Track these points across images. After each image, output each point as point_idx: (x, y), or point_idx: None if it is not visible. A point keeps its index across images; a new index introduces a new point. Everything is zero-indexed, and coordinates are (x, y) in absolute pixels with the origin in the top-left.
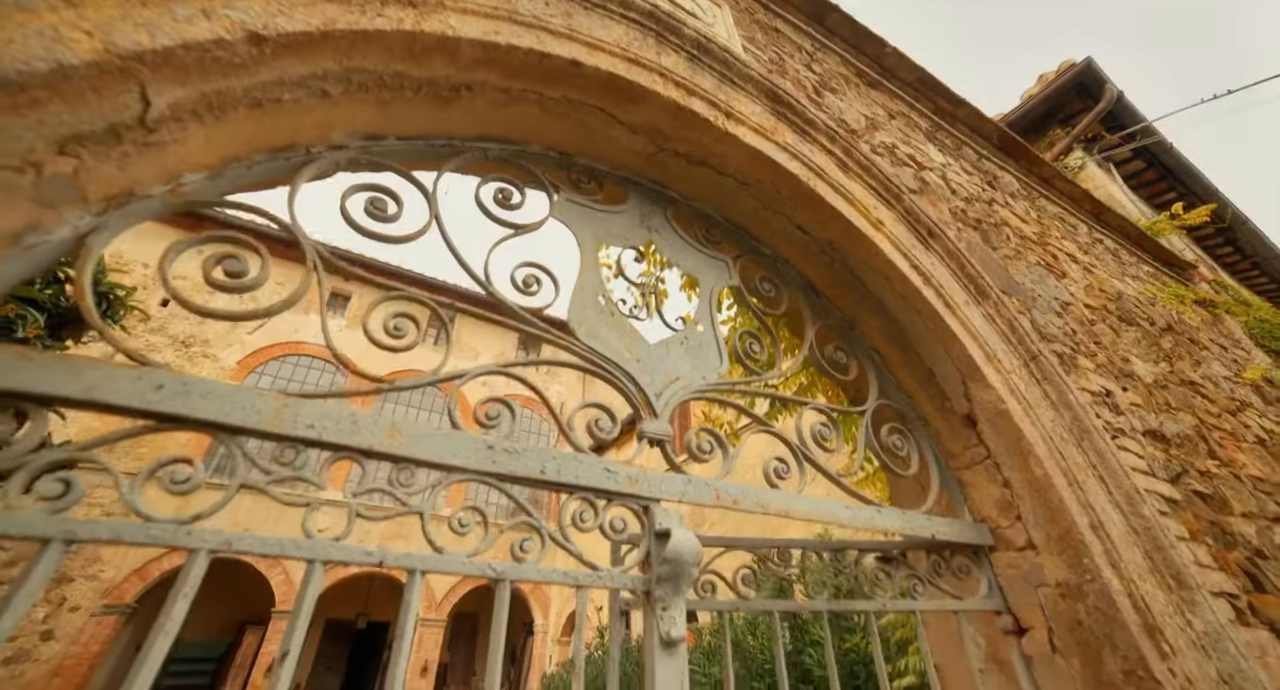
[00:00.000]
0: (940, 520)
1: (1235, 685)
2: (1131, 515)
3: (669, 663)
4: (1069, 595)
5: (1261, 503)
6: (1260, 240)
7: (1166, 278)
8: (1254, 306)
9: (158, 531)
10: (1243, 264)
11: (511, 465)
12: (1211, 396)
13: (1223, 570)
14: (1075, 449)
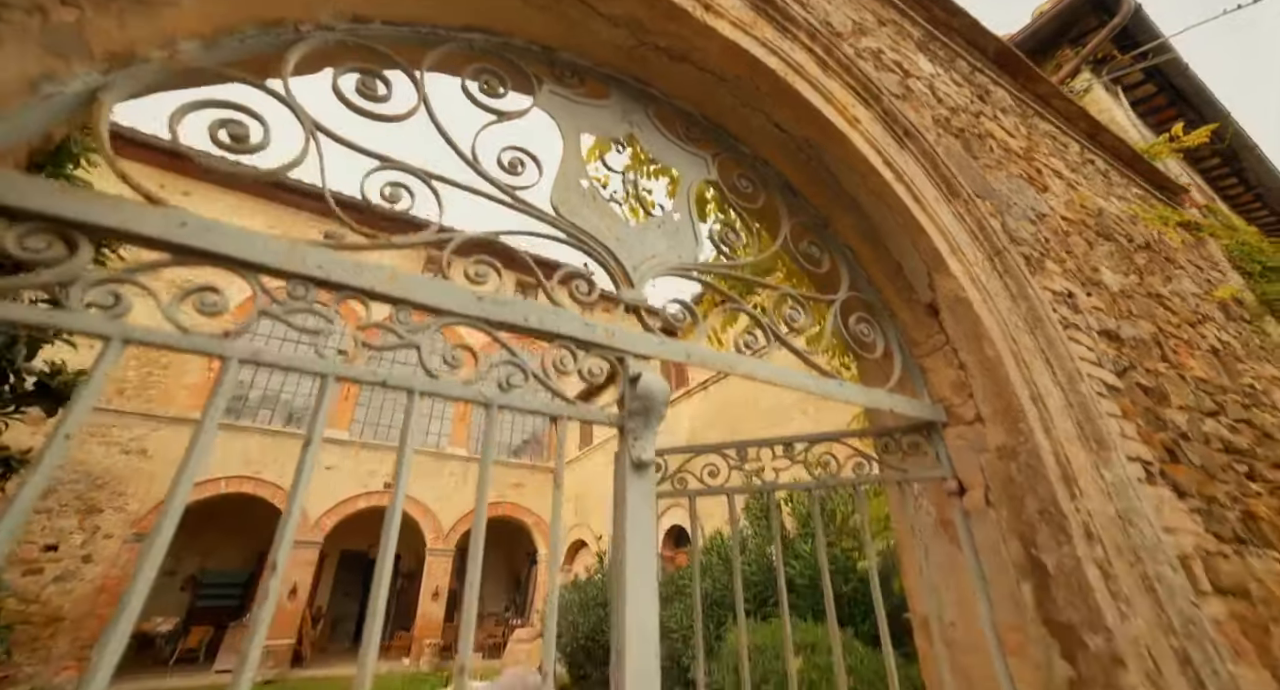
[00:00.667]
0: (900, 397)
1: (1128, 520)
2: (1070, 392)
3: (639, 482)
4: (1005, 456)
5: (1199, 399)
6: (1267, 170)
7: (1156, 200)
8: (1239, 231)
9: (198, 341)
10: (1245, 196)
11: (499, 312)
12: (1175, 309)
13: (1145, 444)
14: (1027, 335)
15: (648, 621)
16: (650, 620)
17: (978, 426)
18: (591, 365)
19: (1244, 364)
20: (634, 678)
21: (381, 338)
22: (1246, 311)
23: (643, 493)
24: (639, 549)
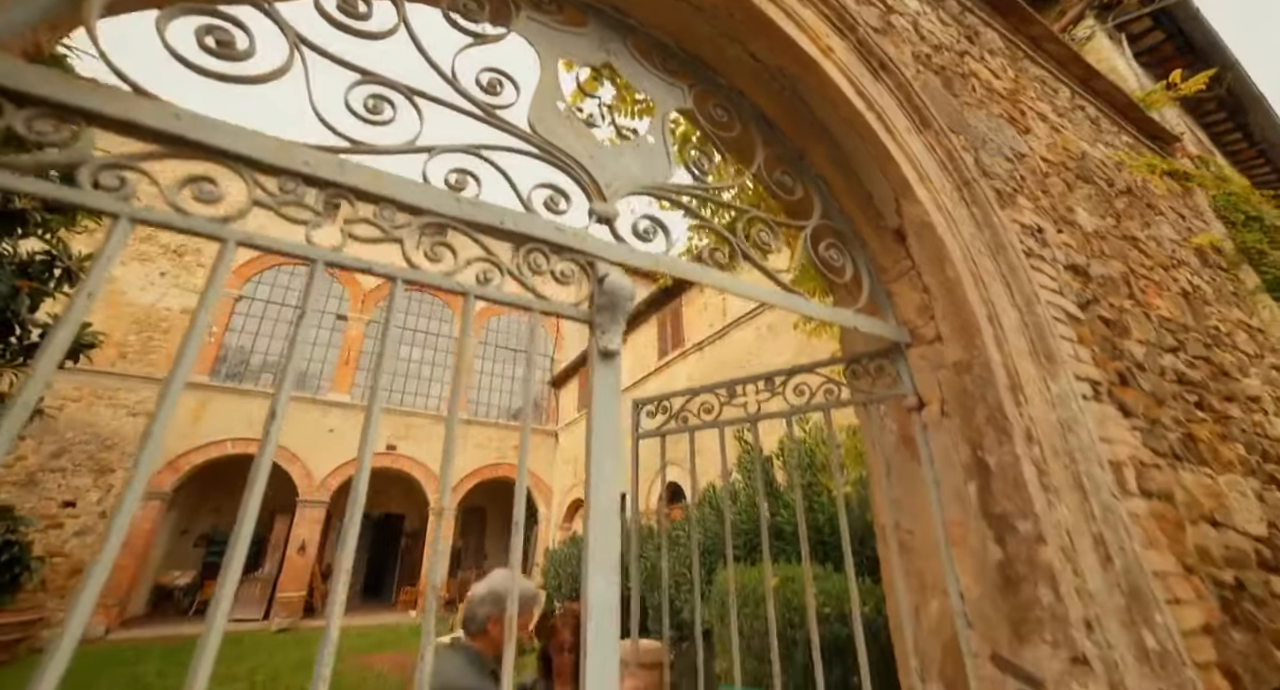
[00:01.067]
0: (866, 318)
1: (1067, 427)
2: (1026, 313)
3: (606, 369)
4: (960, 371)
5: (1161, 336)
6: (1273, 124)
7: (1146, 149)
8: (1228, 182)
9: (196, 222)
10: (1248, 152)
11: (475, 214)
12: (1149, 253)
13: (1098, 367)
14: (989, 260)
15: (610, 495)
16: (613, 490)
17: (937, 345)
18: (563, 268)
19: (1212, 307)
20: (597, 538)
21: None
22: (1224, 260)
23: (608, 379)
24: (603, 424)
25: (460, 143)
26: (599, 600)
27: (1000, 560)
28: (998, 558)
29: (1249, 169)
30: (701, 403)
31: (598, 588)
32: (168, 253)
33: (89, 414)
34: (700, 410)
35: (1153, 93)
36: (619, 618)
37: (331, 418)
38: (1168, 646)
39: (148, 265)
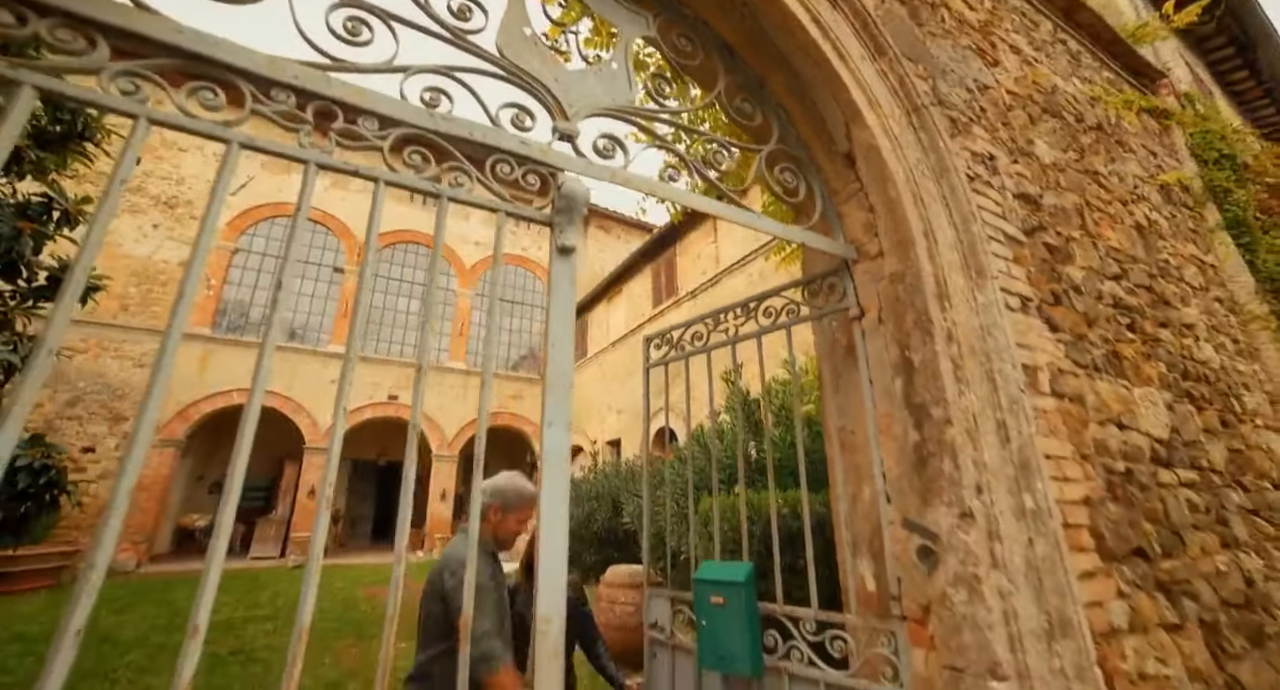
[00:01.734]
0: (815, 235)
1: (988, 331)
2: (962, 231)
3: (563, 263)
4: (895, 281)
5: (1105, 264)
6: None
7: (1128, 85)
8: (1210, 121)
9: (202, 124)
10: (1253, 91)
11: (447, 126)
12: (1110, 187)
13: (1031, 286)
14: (932, 182)
15: (564, 363)
16: (566, 359)
17: (879, 260)
18: (527, 177)
19: (1165, 242)
20: (554, 398)
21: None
22: (1190, 198)
23: (565, 273)
24: (561, 307)
25: (434, 63)
26: (554, 449)
27: (917, 442)
28: (915, 440)
29: (1253, 109)
30: (693, 332)
31: (553, 439)
32: (159, 204)
33: (97, 365)
34: (692, 338)
35: (1144, 26)
36: (569, 465)
37: (333, 369)
38: (1042, 507)
39: (140, 217)
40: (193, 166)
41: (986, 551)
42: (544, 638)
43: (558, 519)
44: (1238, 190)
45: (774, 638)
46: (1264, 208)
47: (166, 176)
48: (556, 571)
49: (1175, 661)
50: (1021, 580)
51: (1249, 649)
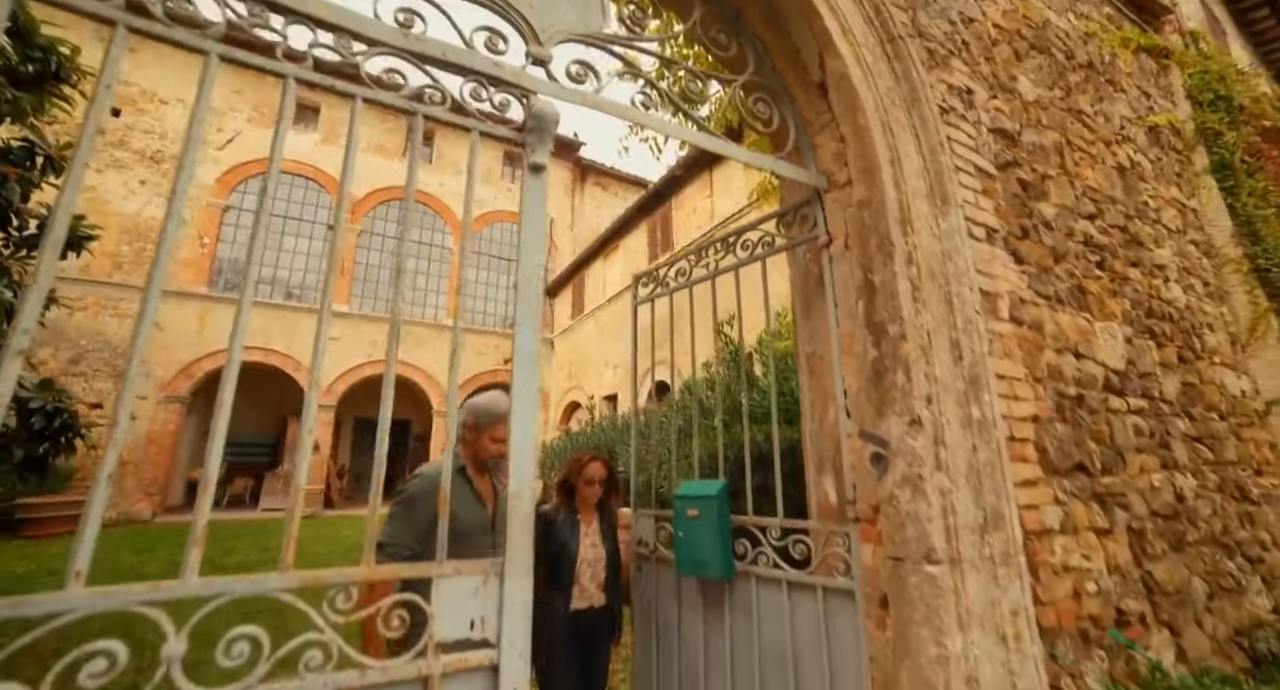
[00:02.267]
0: (786, 164)
1: (948, 256)
2: (930, 160)
3: (534, 182)
4: (862, 207)
5: (1081, 203)
6: None
7: (1129, 21)
8: (1211, 60)
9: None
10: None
11: (422, 47)
12: (1094, 127)
13: (999, 218)
14: (902, 112)
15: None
16: (537, 263)
17: (848, 188)
18: (500, 99)
19: (1147, 184)
20: (525, 301)
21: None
22: (1180, 141)
23: (537, 189)
24: (532, 221)
25: None
26: (523, 349)
27: (875, 359)
28: (873, 357)
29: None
30: (678, 269)
31: (523, 340)
32: (144, 160)
33: (96, 322)
34: (677, 274)
35: None
36: (538, 365)
37: (333, 327)
38: (988, 417)
39: (125, 172)
40: (176, 119)
41: (931, 455)
42: (515, 512)
43: (529, 414)
44: (1229, 133)
45: (744, 546)
46: (1253, 150)
47: (149, 130)
48: (527, 454)
49: (1098, 558)
50: (962, 481)
51: (1168, 552)
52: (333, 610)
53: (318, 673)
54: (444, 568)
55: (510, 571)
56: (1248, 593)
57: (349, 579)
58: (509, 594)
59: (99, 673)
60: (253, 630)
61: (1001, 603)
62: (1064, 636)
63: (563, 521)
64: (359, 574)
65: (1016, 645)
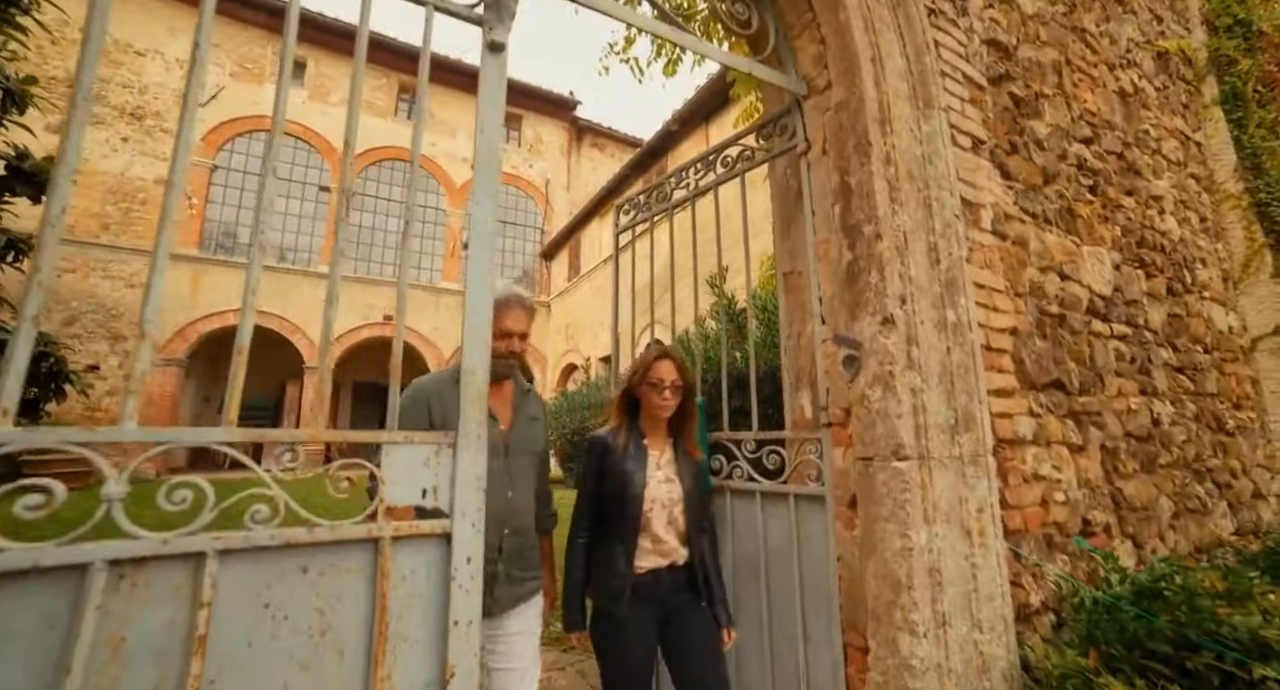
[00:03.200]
0: (765, 67)
1: (928, 159)
2: (914, 61)
3: (494, 61)
4: (840, 109)
5: (1076, 126)
6: None
7: None
8: None
9: None
10: None
11: None
12: (1097, 48)
13: (986, 129)
14: (887, 9)
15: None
16: (494, 147)
17: (827, 92)
18: None
19: (1150, 113)
20: (482, 182)
21: None
22: (1191, 70)
23: (496, 67)
24: (490, 102)
25: None
26: (480, 226)
27: (849, 261)
28: (848, 259)
29: None
30: (657, 194)
31: (479, 215)
32: (124, 115)
33: (86, 284)
34: (658, 198)
35: None
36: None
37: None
38: (964, 321)
39: (106, 129)
40: (154, 73)
41: (904, 353)
42: (468, 387)
43: (483, 291)
44: (1244, 60)
45: (720, 461)
46: (1268, 80)
47: (128, 84)
48: (481, 333)
49: (1069, 471)
50: (935, 381)
51: (1138, 471)
52: (278, 467)
53: (264, 526)
54: (394, 435)
55: (463, 445)
56: (1213, 515)
57: (295, 439)
58: (462, 466)
59: (35, 506)
60: (196, 479)
61: (968, 500)
62: (1029, 539)
63: (623, 447)
64: (305, 435)
65: (980, 540)
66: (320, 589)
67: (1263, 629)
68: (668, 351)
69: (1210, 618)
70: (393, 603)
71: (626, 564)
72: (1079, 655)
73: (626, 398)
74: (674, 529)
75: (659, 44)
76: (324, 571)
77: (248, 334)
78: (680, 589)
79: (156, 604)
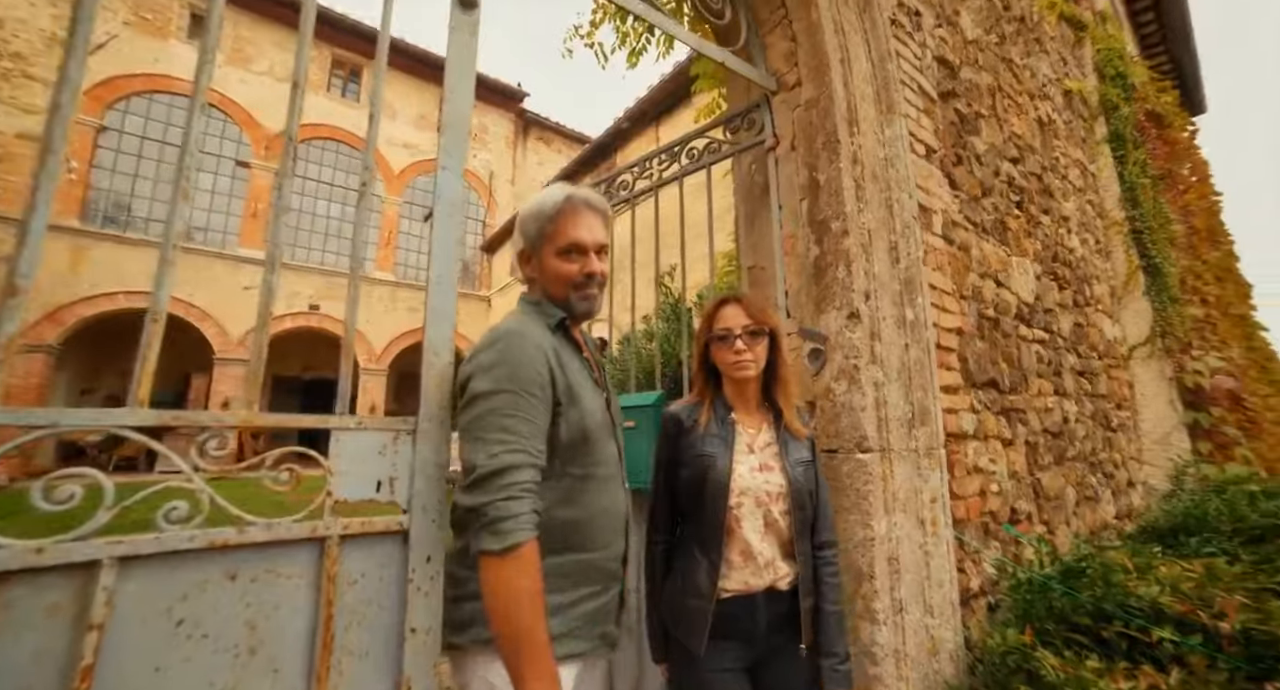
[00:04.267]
0: (736, 58)
1: (890, 162)
2: (878, 67)
3: (464, 20)
4: (810, 107)
5: (1006, 147)
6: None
7: None
8: (1114, 38)
9: None
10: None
11: None
12: (1021, 79)
13: (936, 138)
14: (854, 14)
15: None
16: (463, 109)
17: (797, 90)
18: None
19: (1059, 142)
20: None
21: None
22: (1087, 110)
23: (467, 29)
24: (460, 63)
25: None
26: (447, 194)
27: (817, 256)
28: (815, 254)
29: (1148, 51)
30: (620, 182)
31: (447, 183)
32: None
33: None
34: (619, 187)
35: None
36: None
37: (244, 275)
38: (920, 319)
39: None
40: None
41: (868, 348)
42: (430, 367)
43: (449, 263)
44: (1125, 106)
45: None
46: (1139, 126)
47: None
48: (446, 307)
49: (1001, 463)
50: (895, 376)
51: (1053, 464)
52: (202, 456)
53: (181, 526)
54: (344, 420)
55: (424, 431)
56: (1101, 502)
57: (223, 422)
58: (422, 455)
59: None
60: (88, 471)
61: (923, 491)
62: (970, 526)
63: (704, 425)
64: (236, 418)
65: (933, 529)
66: (252, 598)
67: (1160, 597)
68: (736, 295)
69: (1121, 591)
70: (340, 610)
71: (709, 580)
72: (1017, 632)
73: (705, 361)
74: (773, 535)
75: (623, 33)
76: (257, 578)
77: (164, 301)
78: (781, 625)
79: (19, 630)
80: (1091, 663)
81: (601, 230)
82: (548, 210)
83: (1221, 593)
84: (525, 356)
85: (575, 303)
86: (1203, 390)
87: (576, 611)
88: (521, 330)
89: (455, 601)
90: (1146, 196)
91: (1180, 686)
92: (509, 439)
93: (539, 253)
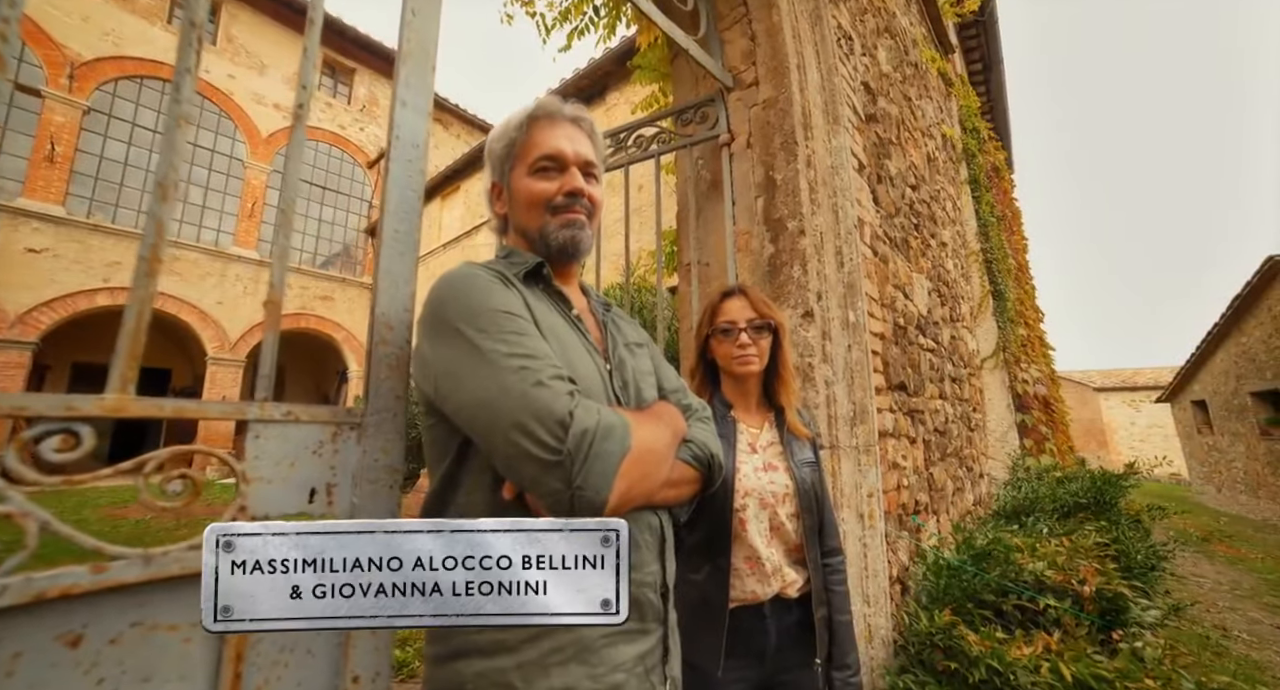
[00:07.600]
0: (700, 49)
1: (836, 170)
2: (826, 78)
3: None
4: (767, 107)
5: (908, 174)
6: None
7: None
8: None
9: None
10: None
11: None
12: (917, 116)
13: (869, 158)
14: (807, 25)
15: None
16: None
17: (753, 88)
18: None
19: (940, 177)
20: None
21: None
22: (955, 154)
23: None
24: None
25: None
26: (407, 134)
27: (772, 254)
28: (770, 252)
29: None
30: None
31: (407, 121)
32: None
33: None
34: None
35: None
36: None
37: (39, 235)
38: (860, 322)
39: None
40: None
41: (820, 347)
42: (381, 344)
43: (406, 213)
44: (980, 156)
45: None
46: (988, 174)
47: None
48: (403, 275)
49: (910, 459)
50: (841, 375)
51: (941, 459)
52: (32, 462)
53: None
54: (266, 409)
55: (372, 424)
56: (966, 491)
57: (75, 412)
58: (369, 454)
59: None
60: None
61: (862, 486)
62: (891, 518)
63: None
64: (102, 405)
65: (870, 522)
66: (112, 666)
67: (1045, 572)
68: (740, 286)
69: (1016, 568)
70: (251, 667)
71: (720, 590)
72: (940, 613)
73: (703, 356)
74: (779, 540)
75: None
76: (120, 636)
77: None
78: (790, 639)
79: None
80: (1000, 634)
81: (587, 145)
82: (514, 121)
83: (1084, 561)
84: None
85: (553, 233)
86: (1028, 396)
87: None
88: (466, 271)
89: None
90: (995, 233)
91: (1060, 645)
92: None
93: (508, 179)
